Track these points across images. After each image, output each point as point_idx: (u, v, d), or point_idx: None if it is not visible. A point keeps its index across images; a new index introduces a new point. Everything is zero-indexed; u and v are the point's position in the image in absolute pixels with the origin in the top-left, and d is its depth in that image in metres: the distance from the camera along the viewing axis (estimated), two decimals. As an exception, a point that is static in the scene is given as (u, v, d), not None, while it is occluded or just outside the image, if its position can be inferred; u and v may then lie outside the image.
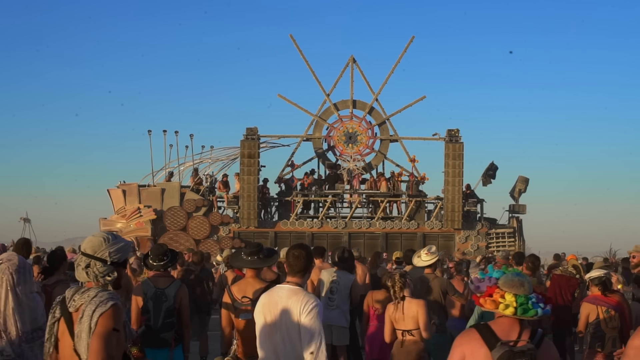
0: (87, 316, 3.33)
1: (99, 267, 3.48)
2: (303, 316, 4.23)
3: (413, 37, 27.55)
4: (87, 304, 3.36)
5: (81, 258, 3.50)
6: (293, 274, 4.46)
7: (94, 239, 3.55)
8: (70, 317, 3.41)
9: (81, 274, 3.49)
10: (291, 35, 27.38)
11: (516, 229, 26.78)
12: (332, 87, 27.27)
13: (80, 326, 3.33)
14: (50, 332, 3.40)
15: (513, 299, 3.26)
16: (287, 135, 27.71)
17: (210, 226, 25.87)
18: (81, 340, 3.32)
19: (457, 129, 25.92)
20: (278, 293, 4.40)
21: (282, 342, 4.29)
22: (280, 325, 4.30)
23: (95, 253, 3.50)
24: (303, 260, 4.45)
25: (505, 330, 3.23)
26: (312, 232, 25.79)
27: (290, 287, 4.40)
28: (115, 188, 26.16)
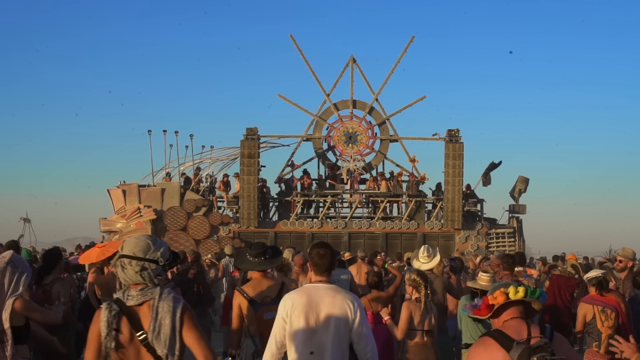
0: (165, 312, 3.42)
1: (154, 268, 3.54)
2: (356, 315, 4.32)
3: (413, 37, 27.59)
4: (157, 302, 3.44)
5: (129, 261, 3.51)
6: (321, 273, 4.47)
7: (141, 242, 3.57)
8: (134, 312, 3.45)
9: (133, 277, 3.51)
10: (291, 35, 27.43)
11: (516, 229, 26.78)
12: (332, 87, 27.29)
13: (156, 322, 3.40)
14: (109, 328, 3.39)
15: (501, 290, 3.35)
16: (287, 135, 27.75)
17: (210, 226, 25.88)
18: (160, 336, 3.39)
19: (457, 129, 25.93)
20: (316, 292, 4.38)
21: (331, 341, 4.28)
22: (328, 324, 4.29)
23: (146, 255, 3.53)
24: (329, 259, 4.47)
25: (516, 330, 3.26)
26: (312, 232, 25.80)
27: (327, 285, 4.42)
28: (115, 188, 26.17)
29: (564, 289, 9.43)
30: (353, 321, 4.31)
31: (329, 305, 4.31)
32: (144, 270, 3.51)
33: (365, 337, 4.33)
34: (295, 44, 27.20)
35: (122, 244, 3.59)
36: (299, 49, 27.20)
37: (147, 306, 3.46)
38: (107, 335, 3.38)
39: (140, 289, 3.49)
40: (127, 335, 3.42)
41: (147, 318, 3.45)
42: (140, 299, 3.46)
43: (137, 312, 3.46)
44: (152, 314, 3.42)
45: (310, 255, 4.56)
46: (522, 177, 27.40)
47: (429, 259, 8.04)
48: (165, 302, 3.45)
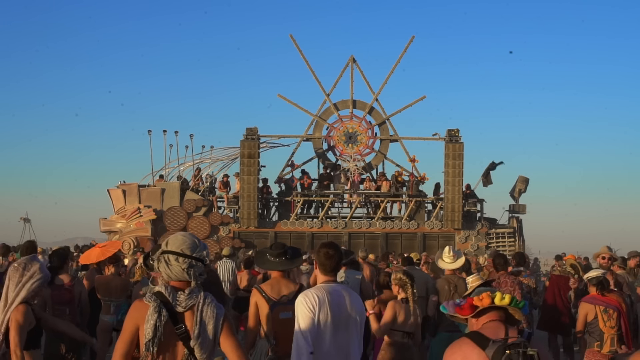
0: (209, 318, 3.40)
1: (199, 267, 3.51)
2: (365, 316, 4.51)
3: (413, 37, 27.59)
4: (202, 306, 3.42)
5: (176, 257, 3.47)
6: (329, 273, 4.52)
7: (188, 240, 3.54)
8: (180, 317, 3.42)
9: (179, 273, 3.47)
10: (291, 35, 27.43)
11: (516, 229, 26.78)
12: (332, 87, 27.29)
13: (201, 327, 3.38)
14: (156, 332, 3.34)
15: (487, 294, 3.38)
16: (287, 135, 27.75)
17: (210, 226, 25.88)
18: (205, 341, 3.37)
19: (457, 129, 25.93)
20: (335, 291, 4.44)
21: (352, 339, 4.38)
22: (348, 323, 4.38)
23: (193, 253, 3.50)
24: (336, 259, 4.52)
25: (494, 332, 3.29)
26: (312, 232, 25.80)
27: (340, 285, 4.52)
28: (115, 188, 26.16)
29: (563, 289, 9.43)
30: (361, 319, 4.46)
31: (349, 305, 4.41)
32: (191, 267, 3.47)
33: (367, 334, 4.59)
34: (295, 44, 27.22)
35: (167, 240, 3.54)
36: (299, 49, 27.23)
37: (191, 311, 3.43)
38: (152, 339, 3.33)
39: (188, 293, 3.44)
40: (168, 338, 3.39)
41: (189, 321, 3.42)
42: (188, 303, 3.43)
43: (183, 316, 3.43)
44: (196, 318, 3.40)
45: (318, 254, 4.58)
46: (522, 177, 27.41)
47: (454, 259, 8.07)
48: (209, 307, 3.43)
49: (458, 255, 8.23)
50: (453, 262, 8.10)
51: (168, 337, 3.39)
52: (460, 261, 8.18)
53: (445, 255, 8.14)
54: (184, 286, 3.48)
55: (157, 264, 3.50)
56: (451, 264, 8.08)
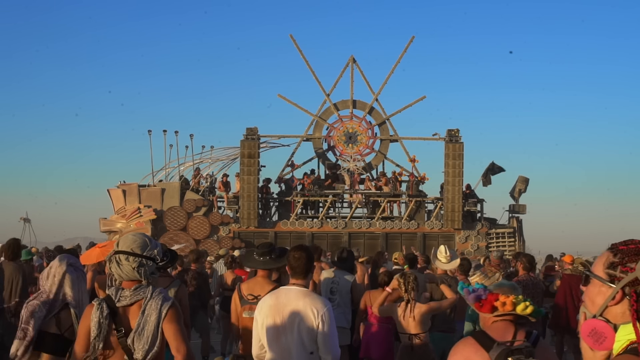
0: (152, 309, 3.41)
1: (151, 265, 3.53)
2: (319, 319, 4.30)
3: (413, 37, 27.59)
4: (148, 300, 3.42)
5: (126, 257, 3.48)
6: (296, 276, 4.48)
7: (138, 239, 3.55)
8: (123, 312, 3.44)
9: (129, 273, 3.49)
10: (291, 35, 27.42)
11: (516, 229, 26.77)
12: (332, 87, 27.28)
13: (143, 319, 3.39)
14: (100, 329, 3.38)
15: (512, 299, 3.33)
16: (287, 135, 27.74)
17: (210, 226, 25.87)
18: (144, 332, 3.38)
19: (457, 129, 25.92)
20: (286, 295, 4.40)
21: (295, 344, 4.30)
22: (292, 327, 4.31)
23: (144, 252, 3.52)
24: (304, 262, 4.47)
25: (500, 333, 3.27)
26: (312, 232, 25.79)
27: (298, 289, 4.42)
28: (115, 188, 26.16)
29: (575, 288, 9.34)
30: (317, 326, 4.31)
31: (295, 309, 4.33)
32: (141, 266, 3.49)
33: (326, 345, 4.32)
34: (295, 44, 27.21)
35: (118, 240, 3.58)
36: (299, 49, 27.22)
37: (137, 305, 3.46)
38: (97, 336, 3.38)
39: (134, 288, 3.47)
40: (115, 335, 3.43)
41: (135, 317, 3.44)
42: (133, 299, 3.45)
43: (127, 311, 3.45)
44: (141, 312, 3.42)
45: (287, 258, 4.59)
46: (522, 177, 27.40)
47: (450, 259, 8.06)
48: (154, 300, 3.44)
49: (454, 255, 8.21)
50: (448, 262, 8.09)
51: (117, 343, 3.42)
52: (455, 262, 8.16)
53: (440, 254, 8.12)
54: (129, 286, 3.51)
55: (108, 264, 3.52)
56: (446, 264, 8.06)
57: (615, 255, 2.01)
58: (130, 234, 3.61)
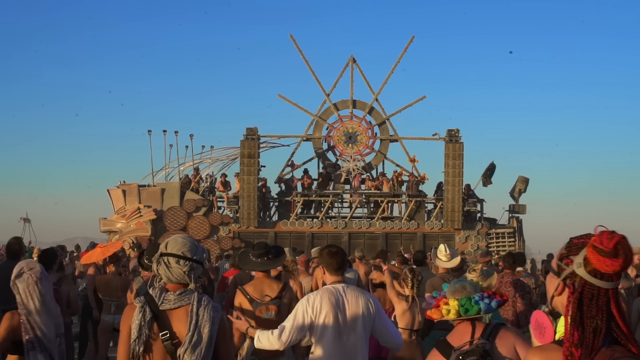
0: (207, 321, 3.35)
1: (199, 270, 3.49)
2: (377, 312, 4.43)
3: (413, 37, 27.58)
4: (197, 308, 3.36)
5: (177, 260, 3.43)
6: (334, 272, 4.49)
7: (189, 242, 3.51)
8: (165, 315, 3.38)
9: (179, 276, 3.43)
10: (291, 35, 27.42)
11: (516, 229, 26.78)
12: (332, 87, 27.28)
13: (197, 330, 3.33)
14: (141, 332, 3.31)
15: (455, 302, 3.38)
16: (287, 135, 27.74)
17: (210, 226, 25.87)
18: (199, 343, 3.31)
19: (457, 129, 25.92)
20: (340, 293, 4.41)
21: (360, 341, 4.35)
22: (356, 324, 4.34)
23: (193, 256, 3.47)
24: (340, 258, 4.50)
25: (460, 336, 3.30)
26: (312, 232, 25.79)
27: (346, 285, 4.48)
28: (115, 188, 26.15)
29: None
30: (375, 318, 4.42)
31: (355, 306, 4.36)
32: (192, 270, 3.44)
33: (388, 328, 4.48)
34: (295, 44, 27.21)
35: (167, 242, 3.50)
36: (299, 49, 27.22)
37: (183, 311, 3.39)
38: (137, 339, 3.32)
39: (179, 292, 3.41)
40: (157, 339, 3.36)
41: (180, 322, 3.37)
42: (177, 304, 3.39)
43: (170, 315, 3.39)
44: (192, 320, 3.35)
45: (321, 256, 4.59)
46: (522, 177, 27.40)
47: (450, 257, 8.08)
48: (205, 310, 3.38)
49: (454, 254, 8.25)
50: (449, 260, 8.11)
51: (159, 346, 3.36)
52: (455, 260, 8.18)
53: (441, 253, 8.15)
54: (174, 288, 3.45)
55: (156, 266, 3.46)
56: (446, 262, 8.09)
57: (565, 248, 2.06)
58: (179, 237, 3.55)
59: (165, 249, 3.48)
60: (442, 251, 8.14)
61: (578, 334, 1.93)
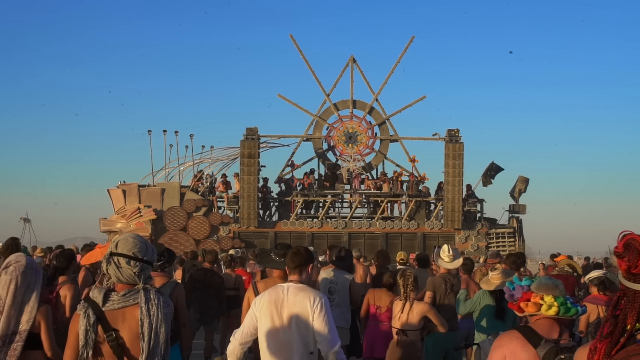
0: (161, 321, 3.32)
1: (149, 270, 3.47)
2: (316, 312, 4.32)
3: (413, 37, 27.61)
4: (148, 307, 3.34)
5: (128, 260, 3.40)
6: (292, 271, 4.54)
7: (139, 242, 3.47)
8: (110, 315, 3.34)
9: (129, 277, 3.41)
10: (291, 35, 27.43)
11: (516, 229, 26.78)
12: (332, 87, 27.29)
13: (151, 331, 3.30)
14: (88, 336, 3.28)
15: (553, 299, 3.29)
16: (287, 135, 27.75)
17: (210, 226, 25.86)
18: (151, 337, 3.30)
19: (457, 129, 25.93)
20: (282, 290, 4.44)
21: (294, 340, 4.34)
22: (291, 323, 4.35)
23: (144, 257, 3.44)
24: (300, 257, 4.52)
25: (547, 330, 3.22)
26: (312, 232, 25.79)
27: (294, 284, 4.47)
28: (115, 188, 26.15)
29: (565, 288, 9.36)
30: (314, 318, 4.34)
31: (292, 304, 4.37)
32: (142, 271, 3.42)
33: (324, 335, 4.32)
34: (295, 44, 27.22)
35: (117, 242, 3.47)
36: (299, 49, 27.23)
37: (129, 311, 3.35)
38: (85, 344, 3.29)
39: (123, 293, 3.37)
40: (104, 341, 3.34)
41: (125, 322, 3.35)
42: (122, 304, 3.35)
43: (115, 315, 3.35)
44: (143, 323, 3.32)
45: (287, 256, 4.65)
46: (522, 177, 27.42)
47: (453, 258, 8.07)
48: (159, 309, 3.36)
49: (456, 254, 8.24)
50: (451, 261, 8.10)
51: (103, 341, 3.34)
52: (458, 261, 8.18)
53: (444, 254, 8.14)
54: (122, 289, 3.42)
55: (105, 266, 3.43)
56: (449, 263, 8.08)
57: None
58: (129, 236, 3.52)
59: (115, 248, 3.44)
60: (445, 251, 8.13)
61: (607, 330, 1.96)
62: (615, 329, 1.95)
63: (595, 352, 1.97)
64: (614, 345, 1.94)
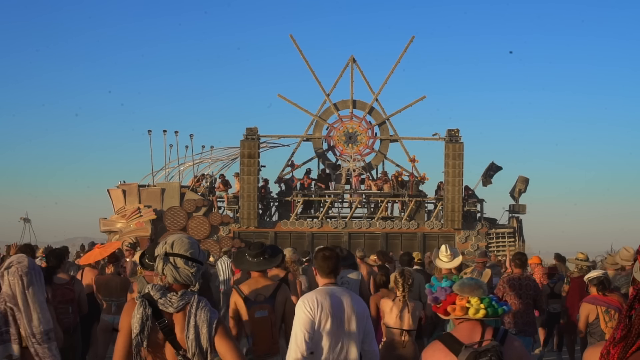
0: (203, 321, 3.34)
1: (200, 272, 3.49)
2: (368, 316, 4.55)
3: (413, 37, 27.58)
4: (195, 309, 3.35)
5: (185, 261, 3.42)
6: (326, 275, 4.55)
7: (193, 243, 3.50)
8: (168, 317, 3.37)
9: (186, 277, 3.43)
10: (291, 35, 27.42)
11: (516, 229, 26.76)
12: (332, 87, 27.28)
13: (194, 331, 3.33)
14: (143, 326, 3.31)
15: (479, 302, 3.27)
16: (287, 135, 27.73)
17: (210, 226, 25.85)
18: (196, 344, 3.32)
19: (457, 129, 25.92)
20: (335, 294, 4.48)
21: (355, 342, 4.43)
22: (351, 326, 4.42)
23: (197, 257, 3.47)
24: (333, 261, 4.55)
25: (468, 334, 3.22)
26: (312, 232, 25.79)
27: (341, 288, 4.57)
28: (115, 188, 26.14)
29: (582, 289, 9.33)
30: (366, 322, 4.52)
31: (350, 307, 4.43)
32: (198, 272, 3.45)
33: (372, 337, 4.57)
34: (295, 44, 27.20)
35: (172, 242, 3.47)
36: (299, 49, 27.21)
37: (182, 312, 3.38)
38: (140, 333, 3.32)
39: (182, 293, 3.40)
40: (159, 337, 3.37)
41: (179, 324, 3.38)
42: (180, 304, 3.38)
43: (171, 316, 3.38)
44: (188, 322, 3.35)
45: (315, 258, 4.63)
46: (522, 177, 27.40)
47: (451, 258, 8.07)
48: (202, 311, 3.37)
49: (455, 254, 8.23)
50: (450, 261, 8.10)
51: (160, 345, 3.37)
52: (457, 260, 8.17)
53: (442, 254, 8.13)
54: (179, 288, 3.44)
55: (161, 265, 3.43)
56: (448, 263, 8.07)
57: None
58: (184, 237, 3.52)
59: (171, 249, 3.45)
60: (443, 252, 8.12)
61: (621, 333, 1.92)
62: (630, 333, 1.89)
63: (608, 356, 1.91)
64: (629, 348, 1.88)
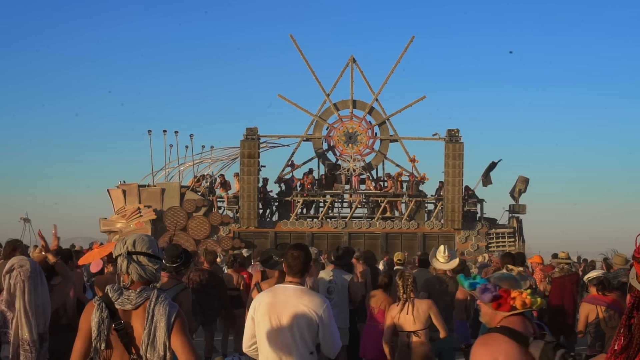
0: (162, 315, 3.36)
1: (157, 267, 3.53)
2: (321, 316, 4.34)
3: (413, 37, 27.57)
4: (154, 305, 3.38)
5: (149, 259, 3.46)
6: (293, 275, 4.49)
7: (153, 242, 3.54)
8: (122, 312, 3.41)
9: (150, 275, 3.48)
10: (291, 35, 27.41)
11: (516, 229, 26.76)
12: (332, 87, 27.27)
13: (153, 326, 3.35)
14: (100, 330, 3.35)
15: (527, 293, 3.16)
16: (287, 135, 27.73)
17: (210, 226, 25.84)
18: (156, 339, 3.34)
19: (457, 129, 25.92)
20: (284, 292, 4.41)
21: (294, 342, 4.32)
22: (292, 325, 4.32)
23: (155, 254, 3.51)
24: (302, 261, 4.48)
25: (523, 327, 3.10)
26: (312, 232, 25.78)
27: (295, 287, 4.43)
28: (115, 188, 26.14)
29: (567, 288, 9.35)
30: (318, 323, 4.34)
31: (294, 306, 4.34)
32: (159, 268, 3.52)
33: (328, 340, 4.38)
34: (295, 44, 27.20)
35: (133, 241, 3.50)
36: (299, 49, 27.20)
37: (141, 308, 3.42)
38: (98, 336, 3.36)
39: (140, 290, 3.43)
40: (116, 336, 3.40)
41: (138, 320, 3.41)
42: (137, 301, 3.41)
43: (129, 313, 3.42)
44: (148, 316, 3.38)
45: (285, 256, 4.59)
46: (522, 177, 27.39)
47: (449, 259, 8.05)
48: (161, 306, 3.40)
49: (453, 255, 8.22)
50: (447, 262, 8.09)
51: (118, 343, 3.40)
52: (454, 262, 8.17)
53: (439, 254, 8.12)
54: (139, 286, 3.48)
55: (125, 264, 3.46)
56: (445, 264, 8.07)
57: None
58: (143, 235, 3.56)
59: (133, 247, 3.49)
60: (441, 252, 8.12)
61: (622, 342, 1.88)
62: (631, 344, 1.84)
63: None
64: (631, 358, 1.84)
